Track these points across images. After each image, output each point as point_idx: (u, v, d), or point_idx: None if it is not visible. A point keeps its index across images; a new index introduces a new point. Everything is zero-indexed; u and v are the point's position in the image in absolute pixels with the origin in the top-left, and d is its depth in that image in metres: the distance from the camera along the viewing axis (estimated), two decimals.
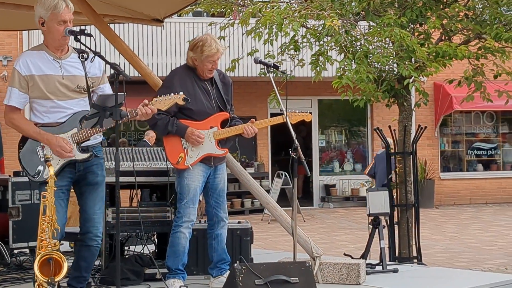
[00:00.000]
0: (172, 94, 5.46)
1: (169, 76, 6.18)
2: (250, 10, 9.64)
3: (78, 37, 5.06)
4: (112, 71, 4.89)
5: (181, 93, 5.51)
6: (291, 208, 5.79)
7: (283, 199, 15.97)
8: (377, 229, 7.58)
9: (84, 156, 5.17)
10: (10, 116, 5.17)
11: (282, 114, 5.94)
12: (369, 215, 7.66)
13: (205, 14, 17.01)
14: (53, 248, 4.69)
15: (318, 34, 9.29)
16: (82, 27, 5.24)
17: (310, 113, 6.29)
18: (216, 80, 6.15)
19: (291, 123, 5.87)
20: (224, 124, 6.09)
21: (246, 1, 11.07)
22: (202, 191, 6.12)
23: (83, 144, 5.17)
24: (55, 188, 4.79)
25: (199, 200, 6.12)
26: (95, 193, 5.29)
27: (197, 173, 5.97)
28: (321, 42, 9.44)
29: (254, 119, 6.18)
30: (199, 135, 5.92)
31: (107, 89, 5.35)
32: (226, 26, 11.26)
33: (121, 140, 17.61)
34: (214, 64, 6.02)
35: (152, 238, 7.21)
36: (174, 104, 5.49)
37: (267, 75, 6.23)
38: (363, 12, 9.53)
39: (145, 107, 5.20)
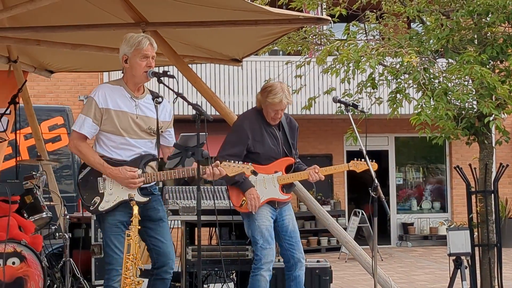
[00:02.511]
0: (241, 163, 5.46)
1: (239, 121, 6.24)
2: (328, 48, 9.66)
3: (161, 78, 5.17)
4: (194, 112, 4.96)
5: (250, 164, 5.51)
6: (368, 246, 5.74)
7: (360, 237, 15.81)
8: (459, 270, 7.45)
9: (144, 199, 5.21)
10: (77, 143, 5.23)
11: (360, 151, 5.91)
12: (449, 255, 7.53)
13: (281, 52, 17.18)
14: (137, 286, 4.76)
15: (396, 71, 9.25)
16: (165, 69, 5.36)
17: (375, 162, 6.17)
18: (284, 124, 6.19)
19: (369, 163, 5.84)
20: (288, 169, 6.11)
21: (323, 40, 11.12)
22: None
23: (142, 186, 5.24)
24: (139, 227, 4.87)
25: None
26: (161, 229, 5.36)
27: (266, 213, 6.00)
28: (399, 80, 9.39)
29: (317, 166, 6.16)
30: (256, 204, 5.91)
31: (173, 132, 5.47)
32: (303, 64, 11.32)
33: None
34: (277, 113, 6.04)
35: (232, 276, 7.23)
36: (242, 173, 5.51)
37: (345, 113, 6.22)
38: (442, 50, 9.46)
39: (214, 168, 5.24)
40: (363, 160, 6.06)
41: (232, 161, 5.43)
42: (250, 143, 6.00)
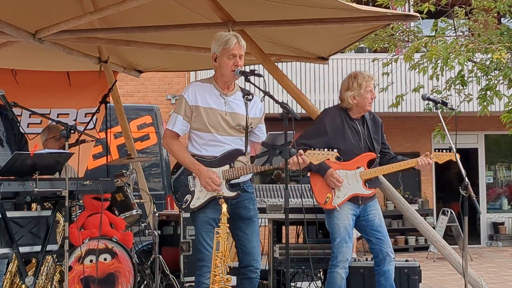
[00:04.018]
0: (326, 150, 5.51)
1: (321, 115, 6.26)
2: (415, 44, 9.56)
3: (249, 77, 5.19)
4: (282, 110, 4.97)
5: (335, 150, 5.56)
6: (457, 246, 5.65)
7: (448, 236, 15.55)
8: None
9: (232, 194, 5.26)
10: (169, 141, 5.37)
11: (450, 149, 5.84)
12: None
13: (367, 50, 17.06)
14: (226, 283, 4.80)
15: (486, 68, 9.09)
16: (252, 68, 5.38)
17: (453, 152, 6.00)
18: (367, 119, 6.15)
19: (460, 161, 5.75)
20: (370, 164, 6.06)
21: (410, 37, 11.00)
22: (355, 229, 6.10)
23: (232, 182, 5.29)
24: (228, 225, 4.91)
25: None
26: (250, 228, 5.39)
27: (346, 211, 5.96)
28: (489, 76, 9.23)
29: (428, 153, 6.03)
30: (338, 178, 5.92)
31: (264, 129, 5.49)
32: (390, 62, 11.21)
33: None
34: (373, 93, 6.03)
35: (319, 274, 7.22)
36: (326, 159, 5.52)
37: (434, 111, 6.15)
38: None
39: (298, 157, 5.25)
40: (445, 151, 5.97)
41: (317, 149, 5.49)
42: (329, 138, 5.97)
